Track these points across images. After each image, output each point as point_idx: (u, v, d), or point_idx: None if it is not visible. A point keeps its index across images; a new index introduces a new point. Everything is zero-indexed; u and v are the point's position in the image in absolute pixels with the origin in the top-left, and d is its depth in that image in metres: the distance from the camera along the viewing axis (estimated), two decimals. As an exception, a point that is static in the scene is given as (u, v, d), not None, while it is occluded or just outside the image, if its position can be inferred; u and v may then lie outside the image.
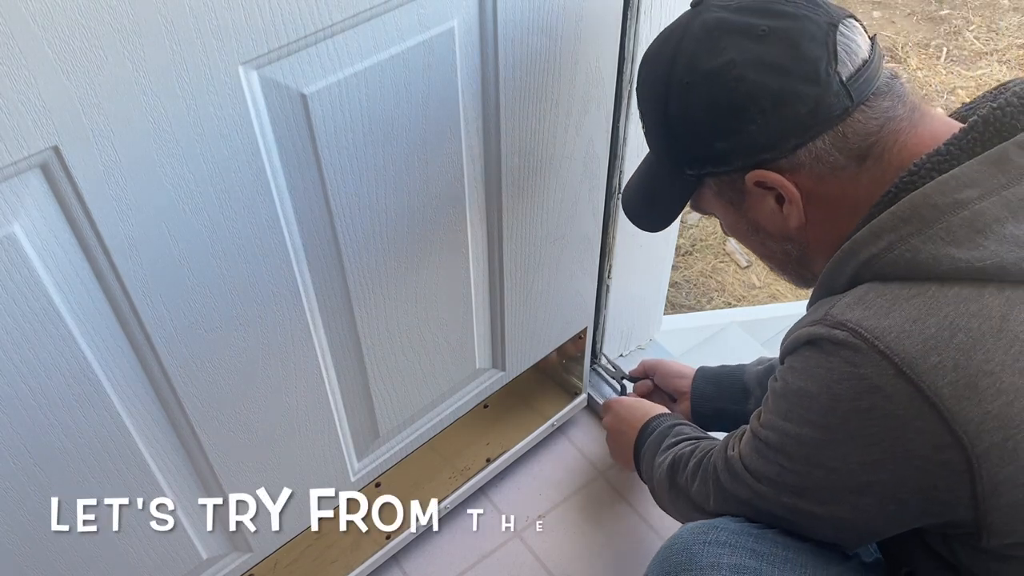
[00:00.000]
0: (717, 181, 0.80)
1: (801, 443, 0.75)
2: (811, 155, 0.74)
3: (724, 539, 0.81)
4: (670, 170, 0.82)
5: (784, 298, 2.14)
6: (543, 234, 1.08)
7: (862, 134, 0.73)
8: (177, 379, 0.81)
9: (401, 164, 0.86)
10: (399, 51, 0.78)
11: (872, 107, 0.73)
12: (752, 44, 0.72)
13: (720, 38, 0.73)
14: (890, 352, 0.66)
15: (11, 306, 0.67)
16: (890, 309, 0.68)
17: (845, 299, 0.71)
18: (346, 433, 1.04)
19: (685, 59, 0.75)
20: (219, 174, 0.72)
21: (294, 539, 1.08)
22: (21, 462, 0.75)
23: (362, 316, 0.94)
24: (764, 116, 0.72)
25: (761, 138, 0.73)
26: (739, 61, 0.72)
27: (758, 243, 0.85)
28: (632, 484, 1.35)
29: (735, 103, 0.73)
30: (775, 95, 0.72)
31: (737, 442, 0.85)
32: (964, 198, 0.68)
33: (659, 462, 1.02)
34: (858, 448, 0.71)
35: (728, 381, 1.21)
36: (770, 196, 0.78)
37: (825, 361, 0.71)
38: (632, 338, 1.48)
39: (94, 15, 0.58)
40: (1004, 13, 2.97)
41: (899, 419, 0.67)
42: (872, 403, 0.68)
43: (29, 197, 0.64)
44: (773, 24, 0.72)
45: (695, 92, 0.75)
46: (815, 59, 0.71)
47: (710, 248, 2.28)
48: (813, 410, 0.73)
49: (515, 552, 1.28)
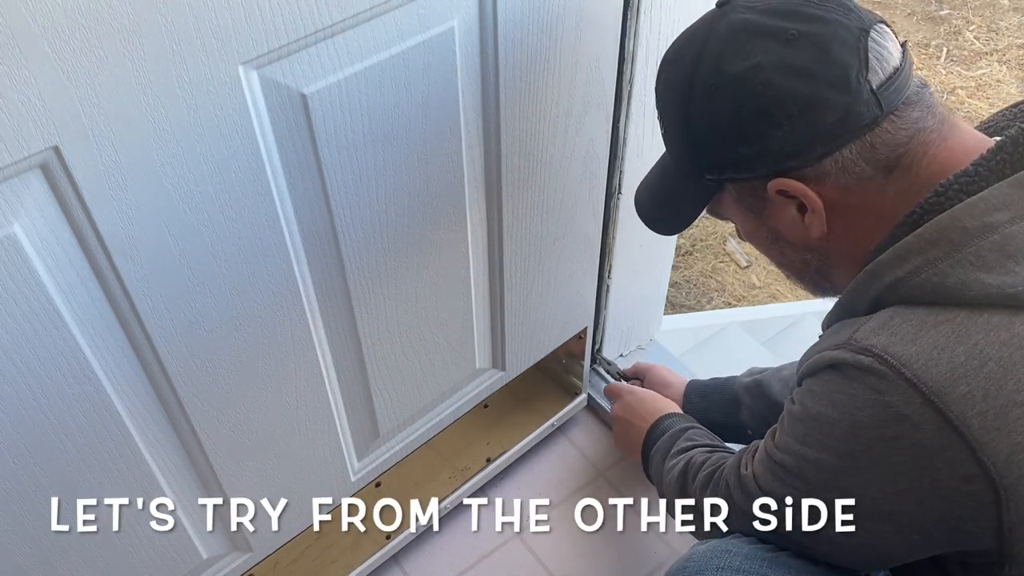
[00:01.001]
0: (738, 187, 0.78)
1: (820, 469, 0.73)
2: (837, 165, 0.72)
3: (737, 564, 0.79)
4: (689, 174, 0.80)
5: (784, 298, 2.14)
6: (543, 234, 1.08)
7: (891, 145, 0.71)
8: (177, 379, 0.81)
9: (401, 164, 0.86)
10: (399, 51, 0.78)
11: (902, 117, 0.71)
12: (781, 48, 0.70)
13: (748, 40, 0.71)
14: (917, 380, 0.65)
15: (11, 306, 0.67)
16: (917, 335, 0.66)
17: (870, 323, 0.69)
18: (346, 433, 1.04)
19: (710, 61, 0.73)
20: (219, 174, 0.72)
21: (294, 539, 1.08)
22: (21, 462, 0.75)
23: (362, 316, 0.94)
24: (791, 123, 0.70)
25: (787, 145, 0.71)
26: (767, 65, 0.70)
27: (777, 252, 0.83)
28: (632, 484, 1.35)
29: (761, 108, 0.71)
30: (803, 101, 0.70)
31: (750, 460, 0.83)
32: (994, 221, 0.66)
33: (669, 466, 1.01)
34: (881, 477, 0.69)
35: (718, 394, 1.21)
36: (792, 205, 0.76)
37: (848, 387, 0.69)
38: (632, 338, 1.48)
39: (94, 15, 0.58)
40: (1004, 13, 2.97)
41: (926, 449, 0.66)
42: (898, 432, 0.66)
43: (29, 197, 0.64)
44: (803, 28, 0.70)
45: (720, 95, 0.73)
46: (846, 65, 0.69)
47: (710, 248, 2.28)
48: (834, 436, 0.71)
49: (515, 552, 1.28)
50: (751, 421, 1.17)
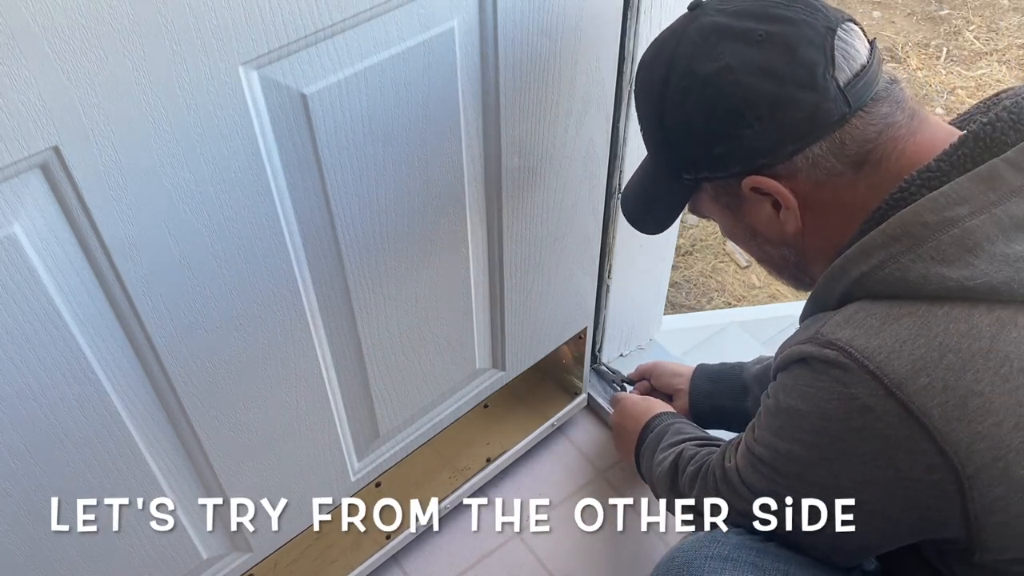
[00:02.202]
0: (714, 186, 0.79)
1: (791, 460, 0.75)
2: (808, 161, 0.73)
3: (726, 553, 0.80)
4: (667, 174, 0.82)
5: (784, 298, 2.14)
6: (543, 234, 1.08)
7: (860, 140, 0.72)
8: (177, 379, 0.81)
9: (401, 164, 0.86)
10: (399, 51, 0.78)
11: (870, 113, 0.72)
12: (749, 49, 0.72)
13: (717, 43, 0.73)
14: (880, 372, 0.66)
15: (11, 306, 0.67)
16: (880, 328, 0.68)
17: (836, 317, 0.71)
18: (346, 433, 1.04)
19: (682, 63, 0.75)
20: (219, 174, 0.72)
21: (294, 539, 1.08)
22: (21, 462, 0.75)
23: (362, 316, 0.94)
24: (761, 122, 0.72)
25: (758, 143, 0.73)
26: (736, 66, 0.72)
27: (756, 248, 0.84)
28: (632, 484, 1.35)
29: (732, 108, 0.72)
30: (772, 100, 0.71)
31: (733, 453, 0.85)
32: (954, 216, 0.67)
33: (659, 460, 1.02)
34: (849, 467, 0.71)
35: (727, 379, 1.21)
36: (767, 202, 0.77)
37: (815, 380, 0.71)
38: (632, 338, 1.48)
39: (94, 15, 0.58)
40: (1004, 13, 2.97)
41: (889, 439, 0.68)
42: (863, 423, 0.68)
43: (29, 197, 0.64)
44: (770, 29, 0.72)
45: (692, 97, 0.74)
46: (812, 64, 0.71)
47: (710, 248, 2.28)
48: (803, 428, 0.73)
49: (515, 552, 1.28)
50: (755, 409, 1.16)
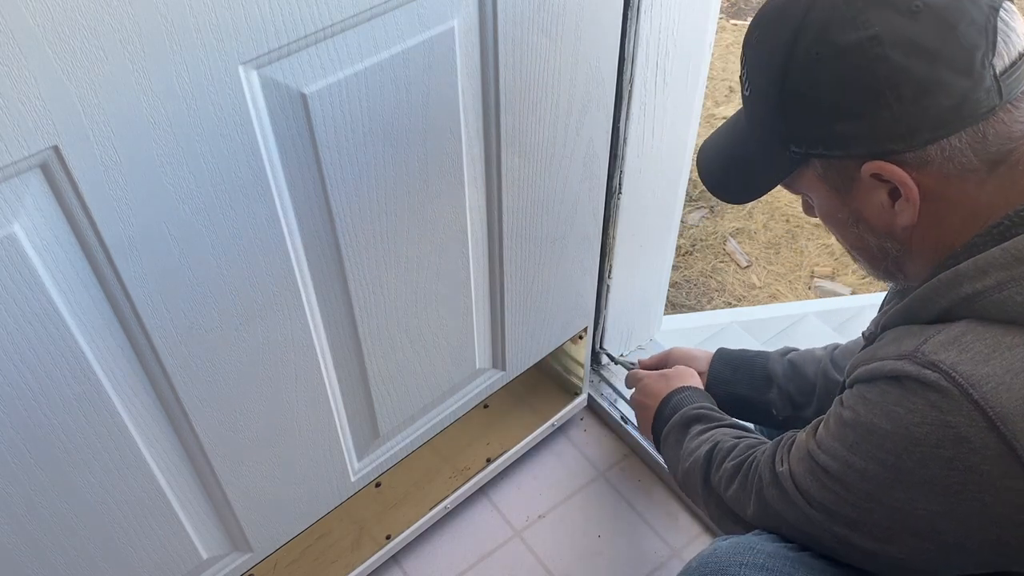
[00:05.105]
0: (825, 164, 0.72)
1: (865, 478, 0.70)
2: (943, 153, 0.66)
3: (761, 563, 0.77)
4: (771, 142, 0.74)
5: (784, 298, 2.14)
6: (543, 234, 1.08)
7: (1003, 137, 0.65)
8: (177, 379, 0.81)
9: (401, 164, 0.86)
10: (399, 51, 0.78)
11: (1019, 108, 0.65)
12: (903, 20, 0.64)
13: (865, 8, 0.65)
14: (984, 403, 0.61)
15: (11, 306, 0.67)
16: (990, 356, 0.62)
17: (939, 337, 0.65)
18: (346, 433, 1.04)
19: (817, 27, 0.67)
20: (219, 174, 0.72)
21: (294, 539, 1.08)
22: (21, 462, 0.75)
23: (362, 316, 0.94)
24: (902, 104, 0.64)
25: (894, 128, 0.65)
26: (885, 38, 0.64)
27: (855, 235, 0.76)
28: (632, 484, 1.35)
29: (870, 86, 0.65)
30: (920, 83, 0.63)
31: (786, 455, 0.80)
32: None
33: (689, 449, 0.97)
34: (929, 494, 0.66)
35: (748, 367, 1.14)
36: (884, 190, 0.70)
37: (907, 400, 0.66)
38: (632, 338, 1.48)
39: (94, 15, 0.58)
40: (1004, 13, 2.97)
41: (984, 475, 0.63)
42: (954, 453, 0.63)
43: (29, 197, 0.64)
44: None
45: (824, 66, 0.67)
46: (972, 47, 0.63)
47: (710, 248, 2.28)
48: (884, 448, 0.68)
49: (515, 552, 1.28)
50: (778, 400, 1.12)
